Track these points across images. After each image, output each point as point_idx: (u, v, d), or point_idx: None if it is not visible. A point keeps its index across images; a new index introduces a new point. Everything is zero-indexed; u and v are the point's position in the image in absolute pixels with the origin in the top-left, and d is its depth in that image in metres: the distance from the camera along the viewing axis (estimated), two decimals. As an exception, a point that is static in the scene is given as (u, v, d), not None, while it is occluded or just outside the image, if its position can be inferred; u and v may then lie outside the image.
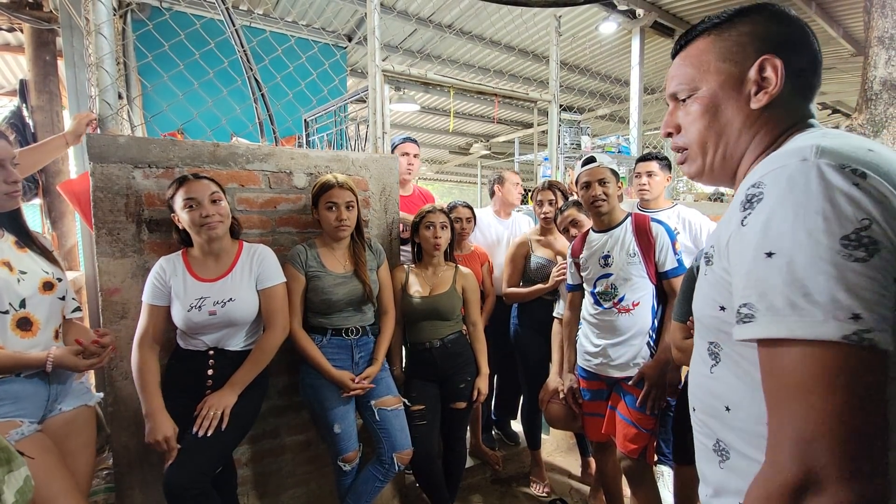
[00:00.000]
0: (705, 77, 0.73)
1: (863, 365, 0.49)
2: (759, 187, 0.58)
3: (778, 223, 0.54)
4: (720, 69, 0.71)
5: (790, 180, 0.55)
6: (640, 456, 1.80)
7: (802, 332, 0.50)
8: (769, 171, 0.58)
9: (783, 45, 0.68)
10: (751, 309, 0.55)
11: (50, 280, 1.46)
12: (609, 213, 1.88)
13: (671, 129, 0.80)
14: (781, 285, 0.52)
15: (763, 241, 0.55)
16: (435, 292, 2.06)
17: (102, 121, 1.78)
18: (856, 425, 0.49)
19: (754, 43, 0.69)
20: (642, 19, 4.38)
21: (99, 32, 1.75)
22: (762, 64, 0.68)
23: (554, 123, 3.19)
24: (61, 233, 3.41)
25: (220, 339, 1.63)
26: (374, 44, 2.31)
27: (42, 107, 3.36)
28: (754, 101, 0.69)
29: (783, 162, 0.57)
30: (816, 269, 0.50)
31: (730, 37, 0.71)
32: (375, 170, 2.18)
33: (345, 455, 1.82)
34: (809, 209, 0.52)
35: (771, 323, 0.53)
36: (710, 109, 0.73)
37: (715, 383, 0.71)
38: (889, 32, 3.08)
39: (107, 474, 2.16)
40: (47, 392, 1.41)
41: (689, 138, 0.76)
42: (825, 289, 0.50)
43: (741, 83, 0.70)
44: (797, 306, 0.51)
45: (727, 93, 0.71)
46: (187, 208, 1.53)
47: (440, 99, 7.00)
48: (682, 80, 0.76)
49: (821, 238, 0.50)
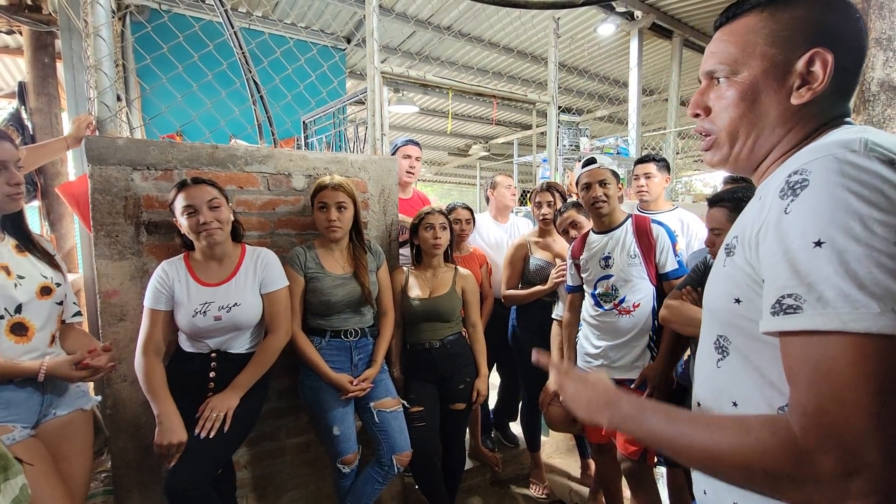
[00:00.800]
0: (748, 60, 0.67)
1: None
2: (804, 174, 0.55)
3: (828, 210, 0.51)
4: (766, 54, 0.65)
5: (840, 168, 0.52)
6: (641, 457, 1.80)
7: (857, 325, 0.48)
8: (815, 158, 0.55)
9: (836, 38, 0.63)
10: (797, 300, 0.52)
11: (48, 285, 1.45)
12: (609, 215, 1.88)
13: (700, 110, 0.74)
14: (833, 275, 0.50)
15: (811, 229, 0.52)
16: (435, 294, 2.06)
17: (101, 123, 1.78)
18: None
19: (807, 30, 0.63)
20: (640, 21, 4.38)
21: (97, 35, 1.75)
22: (812, 57, 0.63)
23: (552, 125, 3.20)
24: (60, 235, 3.41)
25: (224, 342, 1.63)
26: (373, 46, 2.31)
27: (41, 109, 3.35)
28: (796, 97, 0.64)
29: (830, 151, 0.55)
30: (872, 261, 0.48)
31: (783, 18, 0.65)
32: (374, 171, 2.18)
33: (344, 457, 1.82)
34: (863, 198, 0.50)
35: (821, 315, 0.50)
36: (748, 98, 0.67)
37: (721, 378, 0.69)
38: (886, 34, 3.09)
39: (105, 477, 2.16)
40: (41, 397, 1.40)
41: (720, 124, 0.71)
42: (882, 281, 0.48)
43: (785, 73, 0.64)
44: (851, 298, 0.49)
45: (769, 82, 0.65)
46: (186, 215, 1.53)
47: (439, 100, 7.01)
48: (722, 59, 0.70)
49: (876, 229, 0.49)
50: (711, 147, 0.74)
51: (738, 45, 0.68)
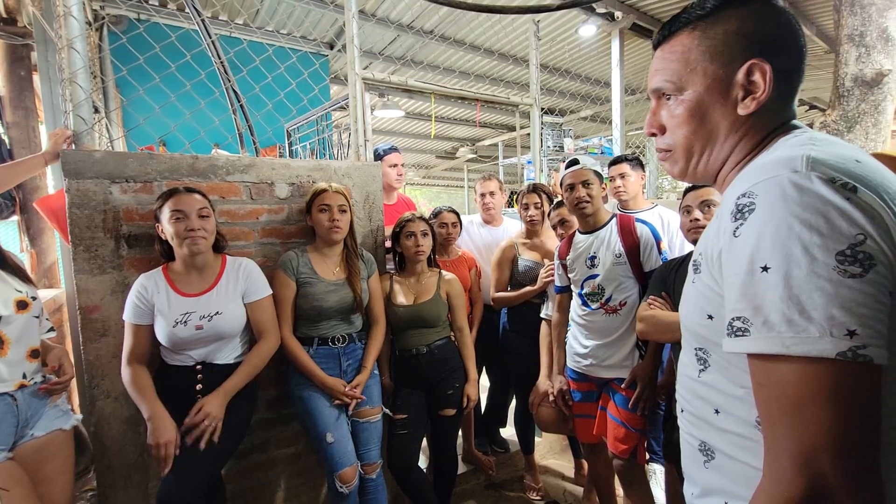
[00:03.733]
0: (691, 77, 0.69)
1: (859, 380, 0.50)
2: (751, 197, 0.57)
3: (771, 237, 0.53)
4: (707, 70, 0.68)
5: (783, 192, 0.54)
6: (631, 456, 1.80)
7: (798, 348, 0.50)
8: (760, 180, 0.57)
9: (771, 46, 0.65)
10: (745, 323, 0.55)
11: (24, 299, 1.43)
12: (594, 215, 1.90)
13: (655, 129, 0.77)
14: (777, 301, 0.52)
15: (757, 254, 0.54)
16: (419, 300, 2.05)
17: (77, 136, 1.75)
18: (856, 439, 0.50)
19: (742, 42, 0.65)
20: (621, 21, 4.43)
21: (72, 47, 1.72)
22: (750, 68, 0.65)
23: (536, 126, 3.21)
24: (40, 250, 3.34)
25: (208, 353, 1.61)
26: (354, 52, 2.31)
27: (18, 123, 3.29)
28: (742, 108, 0.66)
29: (774, 172, 0.56)
30: (812, 286, 0.50)
31: (716, 34, 0.67)
32: (358, 178, 2.17)
33: (341, 472, 1.74)
34: (804, 224, 0.51)
35: (765, 339, 0.53)
36: (697, 114, 0.70)
37: (703, 388, 0.71)
38: (858, 30, 3.15)
39: (91, 496, 2.11)
40: (16, 418, 1.37)
41: (674, 142, 0.74)
42: (821, 305, 0.49)
43: (728, 86, 0.67)
44: (793, 322, 0.51)
45: (714, 97, 0.68)
46: (174, 220, 1.52)
47: (424, 104, 7.01)
48: (667, 77, 0.72)
49: (816, 254, 0.50)
50: (668, 160, 0.77)
51: (680, 62, 0.70)
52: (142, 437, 1.72)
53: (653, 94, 0.76)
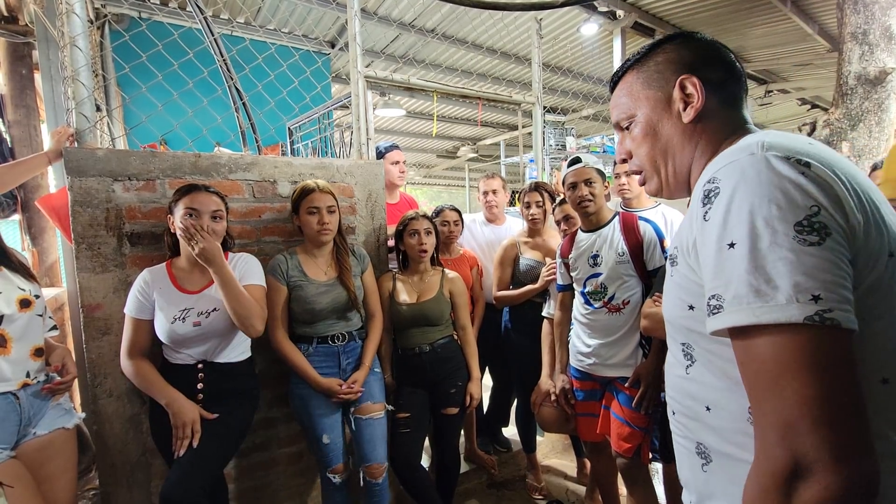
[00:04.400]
0: (637, 104, 0.80)
1: (829, 344, 0.50)
2: (715, 182, 0.60)
3: (735, 214, 0.56)
4: (648, 96, 0.79)
5: (742, 173, 0.57)
6: (635, 455, 1.80)
7: (767, 317, 0.52)
8: (722, 166, 0.61)
9: (697, 64, 0.75)
10: (718, 300, 0.57)
11: (27, 297, 1.43)
12: (596, 213, 1.89)
13: (624, 155, 0.86)
14: (744, 273, 0.54)
15: (724, 232, 0.57)
16: (422, 299, 2.05)
17: (80, 134, 1.75)
18: (832, 405, 0.49)
19: (671, 67, 0.77)
20: (623, 20, 4.42)
21: (74, 45, 1.71)
22: (682, 83, 0.74)
23: (538, 125, 3.20)
24: (42, 249, 3.34)
25: (207, 351, 1.60)
26: (356, 50, 2.30)
27: (19, 121, 3.29)
28: (684, 116, 0.75)
29: (734, 157, 0.60)
30: (775, 256, 0.52)
31: (649, 68, 0.79)
32: (361, 176, 2.17)
33: (334, 466, 1.80)
34: (763, 199, 0.54)
35: (737, 311, 0.54)
36: (650, 131, 0.79)
37: (691, 384, 0.72)
38: (862, 28, 3.14)
39: (93, 494, 2.11)
40: (18, 417, 1.37)
41: (641, 160, 0.82)
42: (785, 273, 0.51)
43: (668, 103, 0.77)
44: (761, 292, 0.52)
45: (659, 114, 0.78)
46: (185, 216, 1.52)
47: (426, 103, 7.01)
48: (620, 111, 0.84)
49: (776, 226, 0.53)
50: (645, 181, 0.85)
51: (627, 96, 0.82)
52: (144, 436, 1.72)
53: (616, 129, 0.87)
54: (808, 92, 7.09)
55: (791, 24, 4.92)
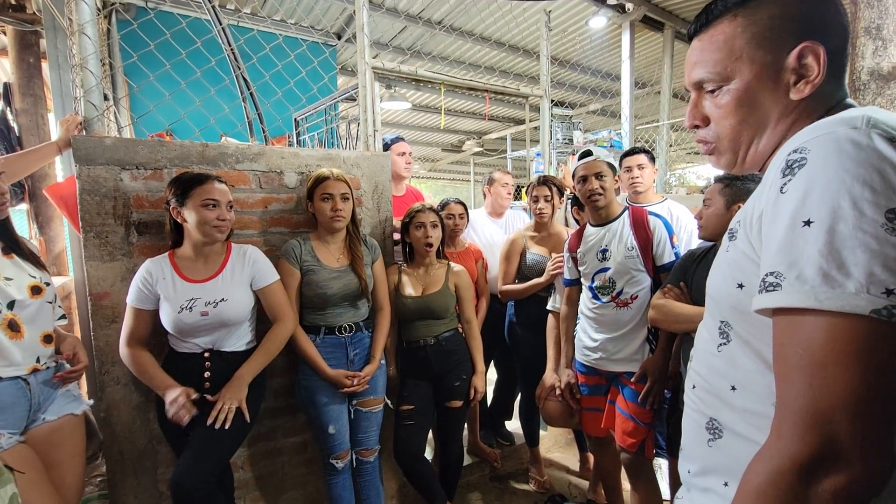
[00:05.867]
0: (737, 66, 0.66)
1: (890, 341, 0.47)
2: (803, 153, 0.54)
3: (821, 190, 0.51)
4: (754, 57, 0.65)
5: (839, 147, 0.52)
6: (639, 450, 1.80)
7: (831, 303, 0.48)
8: (815, 136, 0.55)
9: (820, 27, 0.63)
10: (777, 277, 0.52)
11: (38, 284, 1.44)
12: (606, 207, 1.88)
13: (699, 121, 0.73)
14: (816, 254, 0.49)
15: (802, 208, 0.52)
16: (427, 292, 2.04)
17: (88, 122, 1.75)
18: (877, 401, 0.48)
19: (789, 26, 0.63)
20: (632, 13, 4.38)
21: (83, 32, 1.71)
22: (802, 51, 0.62)
23: (545, 119, 3.18)
24: (49, 237, 3.36)
25: (214, 340, 1.61)
26: (364, 41, 2.29)
27: (27, 110, 3.29)
28: (795, 92, 0.63)
29: (832, 128, 0.54)
30: (857, 241, 0.48)
31: (761, 20, 0.64)
32: (367, 168, 2.16)
33: (337, 453, 1.84)
34: (857, 178, 0.49)
35: (798, 292, 0.50)
36: (746, 103, 0.67)
37: (722, 362, 0.69)
38: (875, 22, 3.10)
39: (100, 481, 2.13)
40: (28, 402, 1.38)
41: (721, 133, 0.71)
42: (863, 262, 0.47)
43: (778, 72, 0.64)
44: (829, 277, 0.49)
45: (763, 84, 0.65)
46: (205, 206, 1.53)
47: (431, 96, 6.98)
48: (709, 68, 0.69)
49: (866, 209, 0.48)
50: (714, 153, 0.74)
51: (723, 52, 0.67)
52: (151, 424, 1.73)
53: (693, 87, 0.73)
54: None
55: (803, 19, 4.85)
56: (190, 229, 1.57)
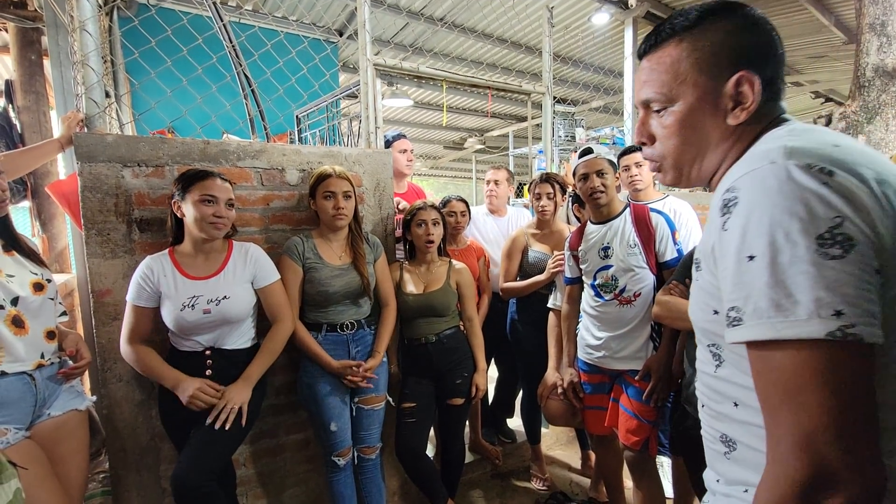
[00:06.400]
0: (682, 89, 0.70)
1: (850, 359, 0.50)
2: (734, 192, 0.59)
3: (755, 226, 0.55)
4: (696, 82, 0.69)
5: (762, 183, 0.56)
6: (643, 447, 1.79)
7: (788, 332, 0.51)
8: (742, 174, 0.59)
9: (756, 58, 0.67)
10: (738, 312, 0.56)
11: (39, 281, 1.44)
12: (608, 205, 1.87)
13: (646, 139, 0.78)
14: (764, 287, 0.53)
15: (743, 245, 0.56)
16: (429, 289, 2.04)
17: (90, 119, 1.75)
18: (853, 417, 0.50)
19: (729, 55, 0.67)
20: (634, 10, 4.35)
21: (84, 29, 1.71)
22: (739, 80, 0.67)
23: (548, 116, 3.17)
24: (51, 235, 3.36)
25: (216, 338, 1.61)
26: (365, 37, 2.28)
27: (29, 107, 3.29)
28: (732, 118, 0.68)
29: (754, 165, 0.58)
30: (796, 270, 0.51)
31: (704, 46, 0.69)
32: (369, 165, 2.16)
33: (339, 451, 1.84)
34: (784, 211, 0.53)
35: (757, 325, 0.54)
36: (689, 125, 0.71)
37: (720, 383, 0.71)
38: (880, 19, 3.08)
39: (103, 478, 2.14)
40: (34, 398, 1.38)
41: (665, 152, 0.75)
42: (806, 288, 0.50)
43: (717, 97, 0.68)
44: (781, 307, 0.52)
45: (704, 108, 0.69)
46: (204, 202, 1.53)
47: (433, 94, 6.96)
48: (656, 89, 0.73)
49: (797, 239, 0.51)
50: (659, 171, 0.79)
51: (669, 74, 0.71)
52: (153, 421, 1.73)
53: (641, 105, 0.77)
54: (822, 85, 6.97)
55: (807, 15, 4.83)
56: (188, 224, 1.57)
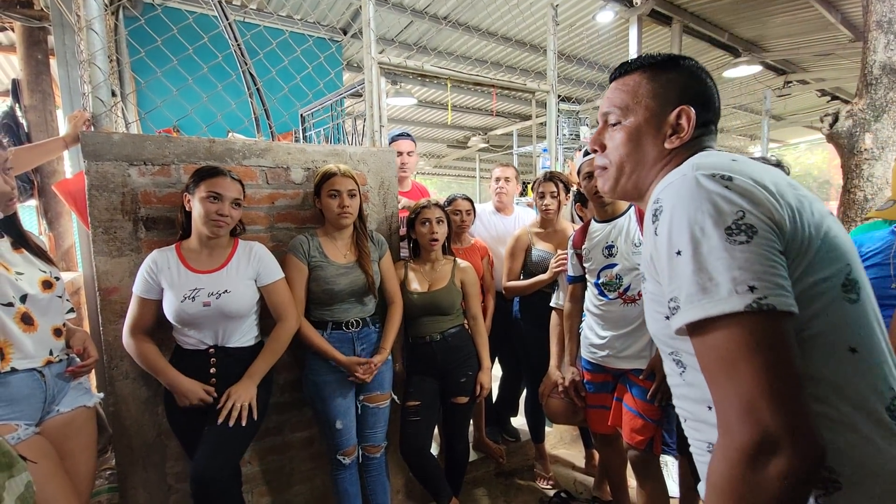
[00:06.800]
0: (636, 108, 0.83)
1: (770, 327, 0.58)
2: (659, 202, 0.70)
3: (677, 227, 0.65)
4: (648, 106, 0.82)
5: (678, 192, 0.67)
6: (647, 447, 1.79)
7: (714, 309, 0.60)
8: (664, 188, 0.70)
9: (697, 100, 0.81)
10: (675, 301, 0.65)
11: (48, 279, 1.45)
12: (612, 204, 1.86)
13: (597, 146, 0.89)
14: (691, 275, 0.62)
15: (670, 243, 0.65)
16: (433, 288, 2.04)
17: (96, 118, 1.75)
18: (783, 381, 0.57)
19: (678, 91, 0.82)
20: (639, 7, 4.33)
21: (90, 28, 1.71)
22: (680, 112, 0.80)
23: (552, 114, 3.16)
24: (58, 233, 3.39)
25: (220, 335, 1.62)
26: (370, 36, 2.28)
27: (35, 106, 3.32)
28: (668, 142, 0.81)
29: (671, 179, 0.70)
30: (714, 257, 0.61)
31: (660, 79, 0.83)
32: (373, 164, 2.16)
33: (344, 449, 1.84)
34: (696, 211, 0.63)
35: (690, 308, 0.62)
36: (633, 140, 0.83)
37: (689, 389, 0.77)
38: (888, 16, 3.05)
39: (110, 474, 2.16)
40: (43, 394, 1.39)
41: (612, 160, 0.86)
42: (723, 270, 0.60)
43: (661, 123, 0.81)
44: (706, 289, 0.61)
45: (649, 128, 0.82)
46: (209, 199, 1.55)
47: (437, 92, 6.95)
48: (616, 104, 0.85)
49: (710, 231, 0.61)
50: (602, 175, 0.89)
51: (629, 94, 0.84)
52: (160, 418, 1.74)
53: (601, 118, 0.89)
54: (829, 83, 6.92)
55: (813, 13, 4.79)
56: (195, 219, 1.59)
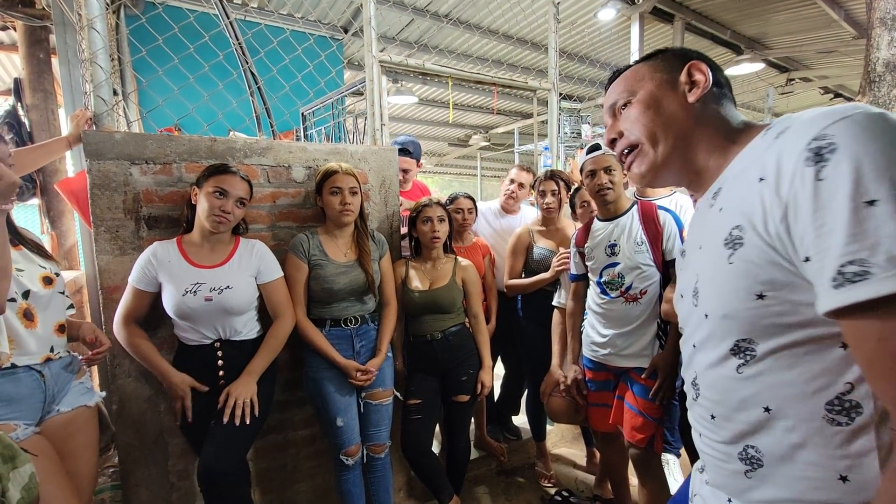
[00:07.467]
0: (642, 84, 0.80)
1: None
2: (827, 139, 0.53)
3: (872, 168, 0.49)
4: (654, 77, 0.79)
5: (866, 128, 0.51)
6: (648, 445, 1.79)
7: None
8: (830, 123, 0.54)
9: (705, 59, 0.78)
10: (862, 265, 0.48)
11: (48, 275, 1.46)
12: (615, 202, 1.86)
13: (615, 135, 0.84)
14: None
15: (858, 189, 0.49)
16: (435, 286, 2.04)
17: (98, 117, 1.76)
18: None
19: (678, 58, 0.79)
20: (641, 5, 4.33)
21: (92, 27, 1.72)
22: (690, 69, 0.76)
23: (554, 112, 3.16)
24: (60, 232, 3.40)
25: (223, 330, 1.63)
26: (371, 34, 2.28)
27: (37, 105, 3.33)
28: (691, 95, 0.75)
29: (845, 114, 0.54)
30: None
31: (657, 59, 0.81)
32: (374, 162, 2.16)
33: (347, 448, 1.84)
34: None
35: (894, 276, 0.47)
36: (652, 105, 0.77)
37: (747, 384, 0.65)
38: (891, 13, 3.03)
39: (112, 472, 2.16)
40: (43, 393, 1.39)
41: (637, 133, 0.79)
42: None
43: (674, 84, 0.77)
44: None
45: (663, 90, 0.77)
46: (214, 195, 1.56)
47: (438, 91, 6.94)
48: (619, 91, 0.83)
49: None
50: (636, 157, 0.81)
51: (630, 80, 0.82)
52: (162, 416, 1.75)
53: (609, 114, 0.86)
54: (832, 80, 6.90)
55: (816, 10, 4.78)
56: (198, 213, 1.61)
